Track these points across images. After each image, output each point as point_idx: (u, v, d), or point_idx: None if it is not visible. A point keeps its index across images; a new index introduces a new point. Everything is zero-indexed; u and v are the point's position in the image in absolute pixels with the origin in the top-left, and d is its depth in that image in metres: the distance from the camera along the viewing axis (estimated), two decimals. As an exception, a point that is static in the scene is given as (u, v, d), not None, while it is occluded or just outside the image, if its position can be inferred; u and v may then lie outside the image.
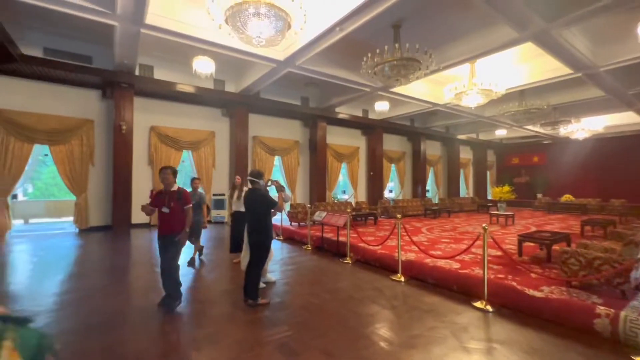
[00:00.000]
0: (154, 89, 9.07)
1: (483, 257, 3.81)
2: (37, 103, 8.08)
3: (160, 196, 3.65)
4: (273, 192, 4.30)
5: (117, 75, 8.26)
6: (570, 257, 3.97)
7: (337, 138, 13.99)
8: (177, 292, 3.63)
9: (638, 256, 3.50)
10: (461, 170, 19.19)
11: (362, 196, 14.89)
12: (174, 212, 3.58)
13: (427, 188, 17.33)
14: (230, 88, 10.24)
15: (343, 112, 12.84)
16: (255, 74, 8.93)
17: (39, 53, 7.46)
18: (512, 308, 3.60)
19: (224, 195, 10.59)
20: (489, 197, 19.12)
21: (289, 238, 8.26)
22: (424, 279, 4.67)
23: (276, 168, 12.53)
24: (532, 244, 6.00)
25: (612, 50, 7.28)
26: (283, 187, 4.06)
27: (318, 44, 6.67)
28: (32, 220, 10.40)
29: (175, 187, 3.62)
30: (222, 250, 6.75)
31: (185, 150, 10.29)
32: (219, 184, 10.88)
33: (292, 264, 5.71)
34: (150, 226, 9.32)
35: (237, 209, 5.63)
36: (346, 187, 15.41)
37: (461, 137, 17.98)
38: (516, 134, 17.62)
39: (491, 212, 11.51)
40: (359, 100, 11.50)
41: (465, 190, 20.02)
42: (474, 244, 4.52)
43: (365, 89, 9.77)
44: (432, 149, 17.98)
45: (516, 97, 9.94)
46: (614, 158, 16.39)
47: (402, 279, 4.72)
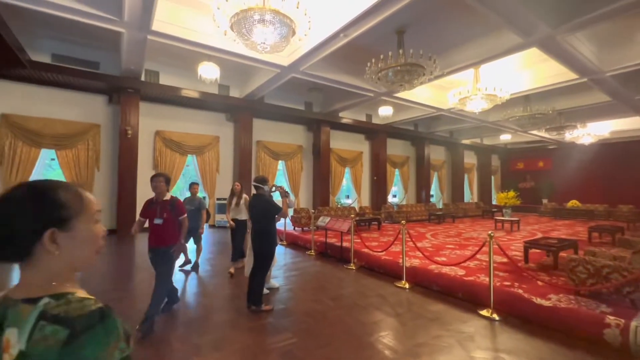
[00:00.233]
0: (160, 94, 9.16)
1: (489, 264, 3.77)
2: (45, 108, 8.19)
3: (151, 206, 3.31)
4: (277, 197, 4.29)
5: (123, 80, 8.36)
6: (578, 264, 3.90)
7: (341, 143, 13.99)
8: (155, 308, 3.16)
9: (648, 265, 3.44)
10: (465, 175, 19.08)
11: (366, 201, 14.84)
12: (167, 223, 3.28)
13: (431, 193, 17.24)
14: (234, 93, 10.31)
15: (347, 116, 12.86)
16: (260, 79, 8.99)
17: (47, 59, 7.58)
18: (520, 317, 3.54)
19: (226, 200, 10.59)
20: (494, 203, 18.97)
21: (293, 243, 8.24)
22: (429, 285, 4.62)
23: (280, 173, 12.55)
24: (538, 251, 5.92)
25: (618, 55, 7.23)
26: (287, 192, 4.06)
27: (322, 49, 6.70)
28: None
29: (167, 196, 3.33)
30: (225, 255, 6.74)
31: (189, 155, 10.35)
32: (222, 188, 10.90)
33: (296, 270, 5.68)
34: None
35: (235, 217, 5.38)
36: (350, 192, 15.38)
37: (465, 141, 17.90)
38: (521, 139, 17.51)
39: (496, 217, 11.41)
40: (362, 105, 11.51)
41: (470, 195, 19.88)
42: (480, 251, 4.46)
43: (369, 94, 9.78)
44: (436, 154, 17.91)
45: (521, 102, 9.89)
46: (621, 163, 16.20)
47: (407, 285, 4.68)
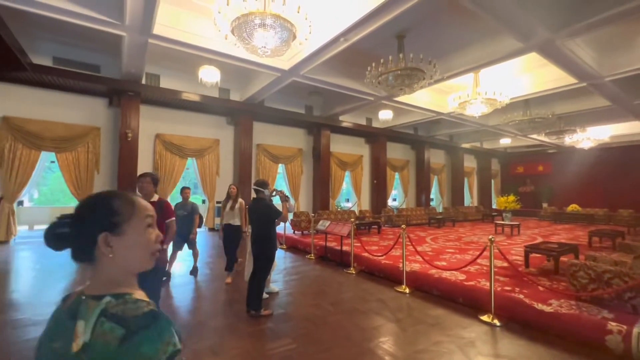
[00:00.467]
0: (160, 97, 9.18)
1: (490, 269, 3.75)
2: (45, 111, 8.20)
3: None
4: (277, 201, 4.28)
5: (124, 83, 8.38)
6: (579, 270, 3.88)
7: (341, 146, 14.00)
8: None
9: (650, 270, 3.42)
10: (465, 179, 19.07)
11: (366, 204, 14.81)
12: None
13: (431, 197, 17.22)
14: (235, 97, 10.33)
15: (347, 120, 12.88)
16: (260, 82, 9.01)
17: (48, 62, 7.60)
18: (521, 322, 3.52)
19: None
20: (494, 207, 18.94)
21: (292, 247, 8.21)
22: (429, 290, 4.60)
23: (280, 176, 12.54)
24: (539, 255, 5.90)
25: (617, 60, 7.26)
26: (287, 197, 4.05)
27: (322, 53, 6.72)
28: (36, 227, 10.45)
29: (155, 197, 3.14)
30: (224, 259, 6.71)
31: (189, 158, 10.35)
32: (222, 192, 10.84)
33: (296, 274, 5.65)
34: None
35: (229, 222, 5.07)
36: (350, 195, 15.36)
37: (465, 145, 17.91)
38: (521, 143, 17.53)
39: (496, 221, 11.38)
40: (362, 108, 11.53)
41: (470, 199, 19.86)
42: (480, 255, 4.44)
43: (369, 98, 9.80)
44: (436, 158, 17.92)
45: (521, 107, 9.92)
46: (620, 168, 16.21)
47: (407, 290, 4.65)
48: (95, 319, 0.65)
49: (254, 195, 3.93)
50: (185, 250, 5.56)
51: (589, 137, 13.40)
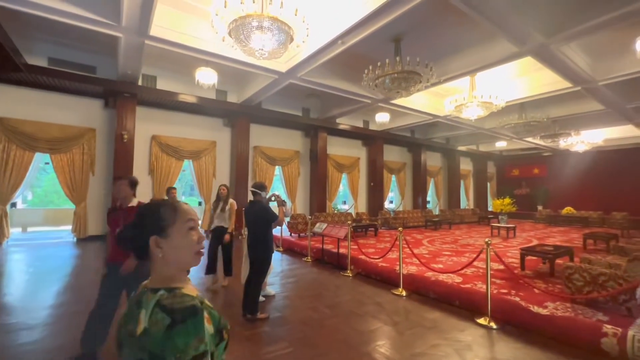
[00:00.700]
0: (157, 98, 9.14)
1: (486, 272, 3.76)
2: (40, 112, 8.12)
3: (114, 214, 2.88)
4: (274, 203, 4.27)
5: (120, 85, 8.33)
6: (574, 272, 3.91)
7: (338, 148, 14.02)
8: (91, 342, 2.84)
9: (644, 273, 3.45)
10: (461, 182, 19.16)
11: (363, 207, 14.82)
12: None
13: (428, 199, 17.27)
14: (232, 98, 10.31)
15: (344, 122, 12.90)
16: (257, 85, 9.01)
17: (43, 63, 7.54)
18: (517, 325, 3.53)
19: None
20: (490, 209, 19.03)
21: (289, 249, 8.19)
22: (426, 293, 4.60)
23: (277, 178, 12.52)
24: (534, 258, 5.93)
25: (610, 65, 7.35)
26: (284, 202, 4.04)
27: (320, 56, 6.74)
28: (30, 229, 10.33)
29: (134, 202, 2.91)
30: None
31: (186, 160, 10.30)
32: (219, 193, 10.83)
33: (292, 277, 5.63)
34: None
35: (221, 224, 4.85)
36: (346, 197, 15.37)
37: (461, 148, 18.02)
38: (516, 146, 17.66)
39: (492, 224, 11.44)
40: (359, 111, 11.56)
41: (466, 201, 19.95)
42: (477, 258, 4.46)
43: (366, 101, 9.83)
44: (433, 160, 18.00)
45: (516, 110, 10.00)
46: (614, 171, 16.37)
47: (404, 293, 4.65)
48: (152, 309, 0.77)
49: (250, 198, 3.91)
50: None
51: (583, 141, 13.55)
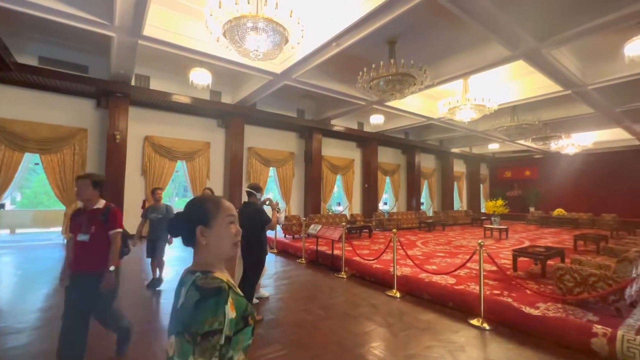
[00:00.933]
0: (150, 99, 9.05)
1: (479, 273, 3.79)
2: (30, 111, 7.98)
3: (78, 217, 2.54)
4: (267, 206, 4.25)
5: (112, 85, 8.23)
6: (565, 273, 3.96)
7: (333, 150, 14.04)
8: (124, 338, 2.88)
9: (633, 274, 3.51)
10: (455, 184, 19.33)
11: (357, 208, 14.85)
12: (97, 240, 2.46)
13: (422, 201, 17.38)
14: (226, 99, 10.27)
15: (338, 124, 12.92)
16: (252, 86, 8.98)
17: (34, 62, 7.42)
18: (509, 326, 3.56)
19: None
20: (483, 211, 19.22)
21: (283, 251, 8.16)
22: (420, 294, 4.61)
23: (271, 179, 12.48)
24: (526, 259, 6.00)
25: (600, 69, 7.50)
26: (279, 208, 4.03)
27: (314, 58, 6.75)
28: (18, 231, 10.14)
29: (100, 203, 2.55)
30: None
31: (179, 161, 10.21)
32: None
33: (286, 279, 5.61)
34: (142, 237, 9.11)
35: None
36: (341, 199, 15.39)
37: (455, 150, 18.18)
38: (508, 148, 17.88)
39: (485, 225, 11.54)
40: (354, 113, 11.60)
41: (459, 203, 20.12)
42: (470, 259, 4.49)
43: (360, 103, 9.87)
44: (427, 162, 18.12)
45: (508, 113, 10.13)
46: (604, 173, 16.67)
47: (398, 294, 4.66)
48: (188, 287, 0.91)
49: (245, 199, 3.89)
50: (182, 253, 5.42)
51: (573, 143, 13.78)
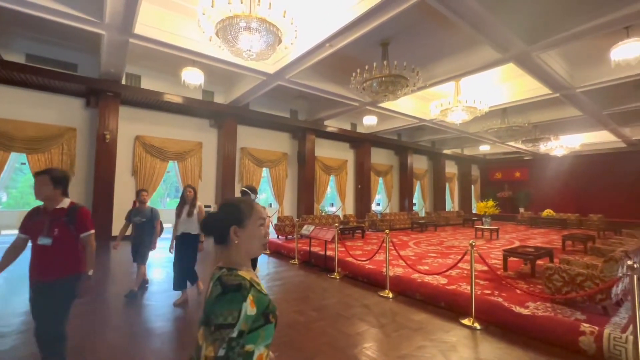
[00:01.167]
0: (141, 98, 8.93)
1: (470, 273, 3.83)
2: (16, 110, 7.79)
3: (36, 217, 2.18)
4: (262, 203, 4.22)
5: (102, 83, 8.10)
6: (554, 273, 4.03)
7: (326, 151, 14.05)
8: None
9: (619, 274, 3.59)
10: (447, 185, 19.53)
11: (350, 209, 14.89)
12: (60, 244, 2.12)
13: (414, 202, 17.51)
14: (219, 99, 10.19)
15: (332, 125, 12.95)
16: (245, 86, 8.94)
17: (20, 59, 7.26)
18: (500, 325, 3.60)
19: (210, 207, 10.37)
20: (474, 211, 19.46)
21: (276, 252, 8.12)
22: (412, 295, 4.64)
23: (264, 180, 12.43)
24: (516, 259, 6.08)
25: (587, 73, 7.67)
26: (271, 220, 4.02)
27: (308, 58, 6.75)
28: (4, 232, 9.88)
29: (64, 202, 2.20)
30: (205, 265, 6.56)
31: (170, 161, 10.09)
32: (205, 196, 10.67)
33: (279, 280, 5.58)
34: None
35: (187, 230, 4.19)
36: (334, 199, 15.40)
37: (447, 151, 18.38)
38: (499, 150, 18.15)
39: (476, 226, 11.68)
40: (347, 114, 11.64)
41: (451, 204, 20.34)
42: (461, 260, 4.53)
43: (354, 104, 9.90)
44: (419, 163, 18.28)
45: (499, 115, 10.29)
46: (590, 174, 17.04)
47: (390, 295, 4.68)
48: (214, 281, 0.99)
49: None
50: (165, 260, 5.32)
51: (562, 145, 14.06)
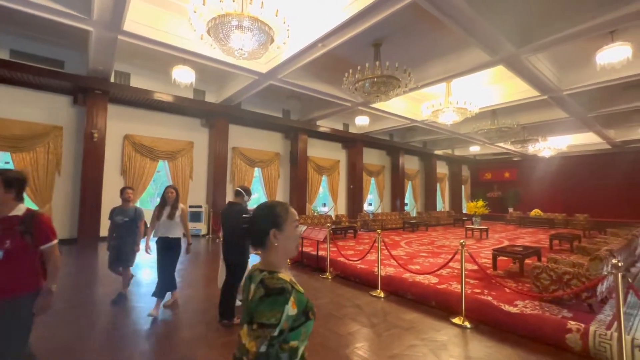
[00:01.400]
0: (130, 96, 8.78)
1: (461, 273, 3.87)
2: (0, 107, 7.58)
3: None
4: (251, 205, 4.18)
5: (90, 81, 7.93)
6: (542, 272, 4.11)
7: (318, 151, 14.05)
8: None
9: (604, 272, 3.67)
10: (438, 185, 19.74)
11: (342, 209, 14.92)
12: (14, 257, 1.86)
13: (406, 202, 17.64)
14: (210, 98, 10.09)
15: (324, 125, 12.95)
16: (237, 85, 8.87)
17: (4, 55, 7.06)
18: (490, 324, 3.65)
19: (200, 207, 10.27)
20: (464, 211, 19.71)
21: (268, 252, 8.07)
22: (404, 294, 4.67)
23: (256, 180, 12.36)
24: (505, 258, 6.18)
25: (574, 76, 7.84)
26: None
27: (301, 58, 6.73)
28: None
29: (19, 209, 1.94)
30: (195, 266, 6.48)
31: (161, 161, 9.95)
32: (196, 196, 10.56)
33: (271, 280, 5.54)
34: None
35: (166, 234, 3.90)
36: (326, 199, 15.40)
37: (438, 152, 18.57)
38: (489, 151, 18.43)
39: (466, 226, 11.83)
40: (340, 114, 11.65)
41: (442, 204, 20.56)
42: (452, 259, 4.58)
43: (346, 104, 9.92)
44: (410, 164, 18.43)
45: (489, 116, 10.44)
46: (576, 175, 17.44)
47: (382, 294, 4.70)
48: (257, 283, 1.04)
49: (229, 199, 3.82)
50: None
51: (549, 147, 14.34)
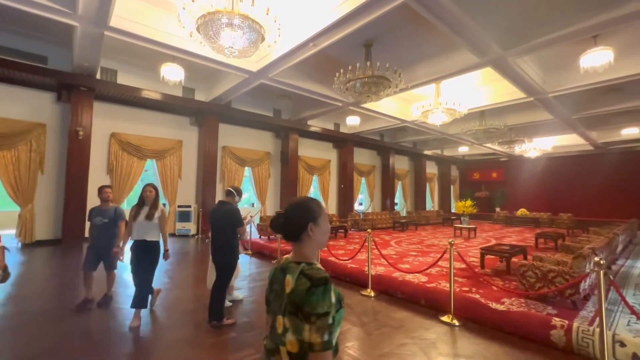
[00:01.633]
0: (117, 94, 8.59)
1: (450, 271, 3.92)
2: (-21, 104, 7.33)
3: None
4: (242, 205, 4.15)
5: (75, 77, 7.73)
6: (527, 270, 4.20)
7: (309, 150, 14.03)
8: None
9: (586, 270, 3.78)
10: (427, 185, 19.98)
11: (333, 209, 14.94)
12: None
13: (396, 201, 17.79)
14: (200, 97, 9.96)
15: (315, 125, 12.94)
16: (227, 83, 8.78)
17: (-16, 49, 6.82)
18: (478, 321, 3.71)
19: (190, 207, 10.13)
20: (453, 211, 20.01)
21: (258, 252, 8.02)
22: (394, 293, 4.70)
23: (246, 179, 12.27)
24: (493, 257, 6.30)
25: (559, 79, 8.05)
26: (253, 221, 3.94)
27: (292, 57, 6.71)
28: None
29: None
30: (184, 266, 6.40)
31: (149, 159, 9.77)
32: (184, 195, 10.41)
33: (261, 280, 5.52)
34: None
35: (143, 237, 3.57)
36: (317, 199, 15.41)
37: (427, 152, 18.79)
38: (477, 151, 18.75)
39: (455, 225, 12.01)
40: (331, 114, 11.66)
41: (431, 203, 20.81)
42: (441, 258, 4.64)
43: (337, 104, 9.94)
44: (401, 164, 18.59)
45: (477, 117, 10.62)
46: (560, 175, 17.92)
47: (372, 294, 4.73)
48: (297, 275, 1.05)
49: (219, 198, 3.78)
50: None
51: (535, 147, 14.68)
